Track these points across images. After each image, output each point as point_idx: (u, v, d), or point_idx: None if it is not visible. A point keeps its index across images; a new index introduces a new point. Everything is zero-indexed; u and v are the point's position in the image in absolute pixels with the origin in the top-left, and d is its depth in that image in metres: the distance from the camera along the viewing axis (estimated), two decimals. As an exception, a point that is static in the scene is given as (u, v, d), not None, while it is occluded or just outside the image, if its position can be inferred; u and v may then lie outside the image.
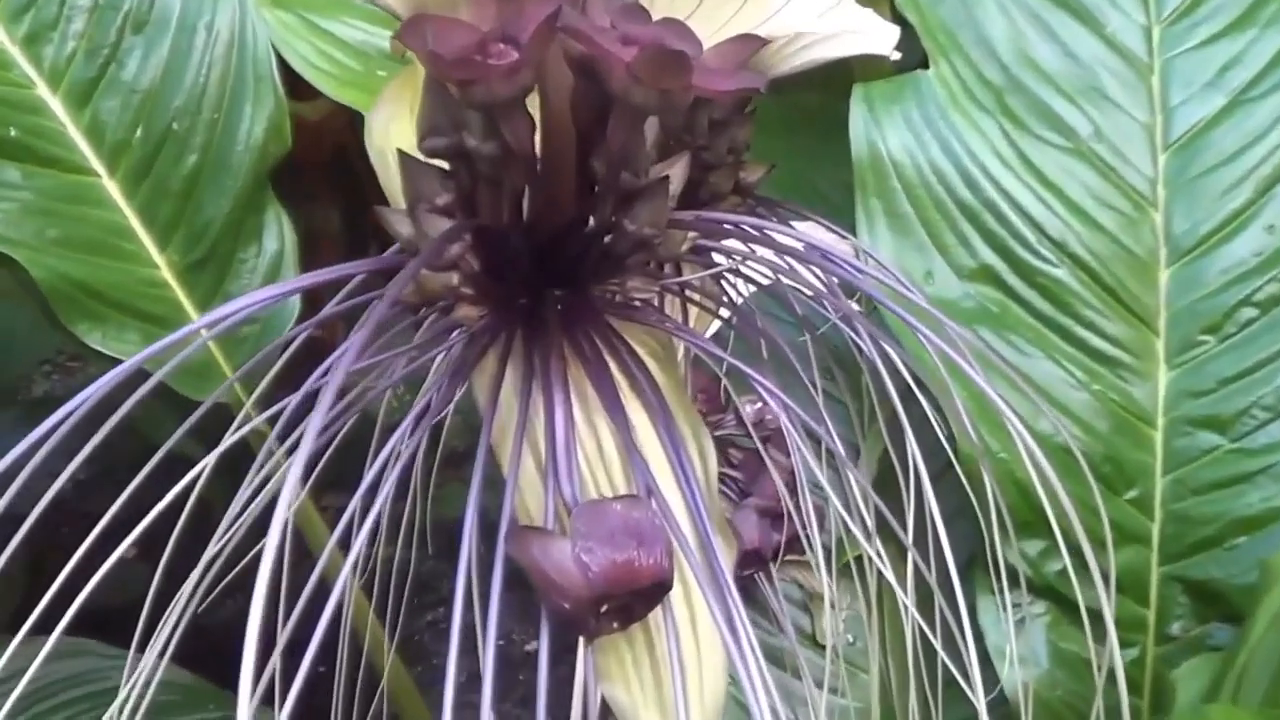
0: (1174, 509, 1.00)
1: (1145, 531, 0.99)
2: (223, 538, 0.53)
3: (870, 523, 0.60)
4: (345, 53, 1.03)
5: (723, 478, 0.92)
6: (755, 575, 0.92)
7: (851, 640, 1.02)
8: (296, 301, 0.98)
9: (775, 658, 0.98)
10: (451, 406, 0.54)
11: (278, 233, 1.01)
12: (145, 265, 0.98)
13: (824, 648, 1.00)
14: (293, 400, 0.45)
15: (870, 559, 0.65)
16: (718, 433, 0.93)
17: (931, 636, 0.60)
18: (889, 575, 0.56)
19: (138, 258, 0.98)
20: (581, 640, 0.40)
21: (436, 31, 0.37)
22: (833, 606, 0.95)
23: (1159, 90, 1.04)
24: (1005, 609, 0.90)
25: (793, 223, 0.76)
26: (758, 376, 0.45)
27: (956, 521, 0.60)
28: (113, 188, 0.98)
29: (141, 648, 0.57)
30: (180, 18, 1.01)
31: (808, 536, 0.78)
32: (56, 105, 0.98)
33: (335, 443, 0.52)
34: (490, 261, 0.43)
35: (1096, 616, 0.73)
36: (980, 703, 0.48)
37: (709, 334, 0.76)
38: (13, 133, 0.95)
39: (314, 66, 1.02)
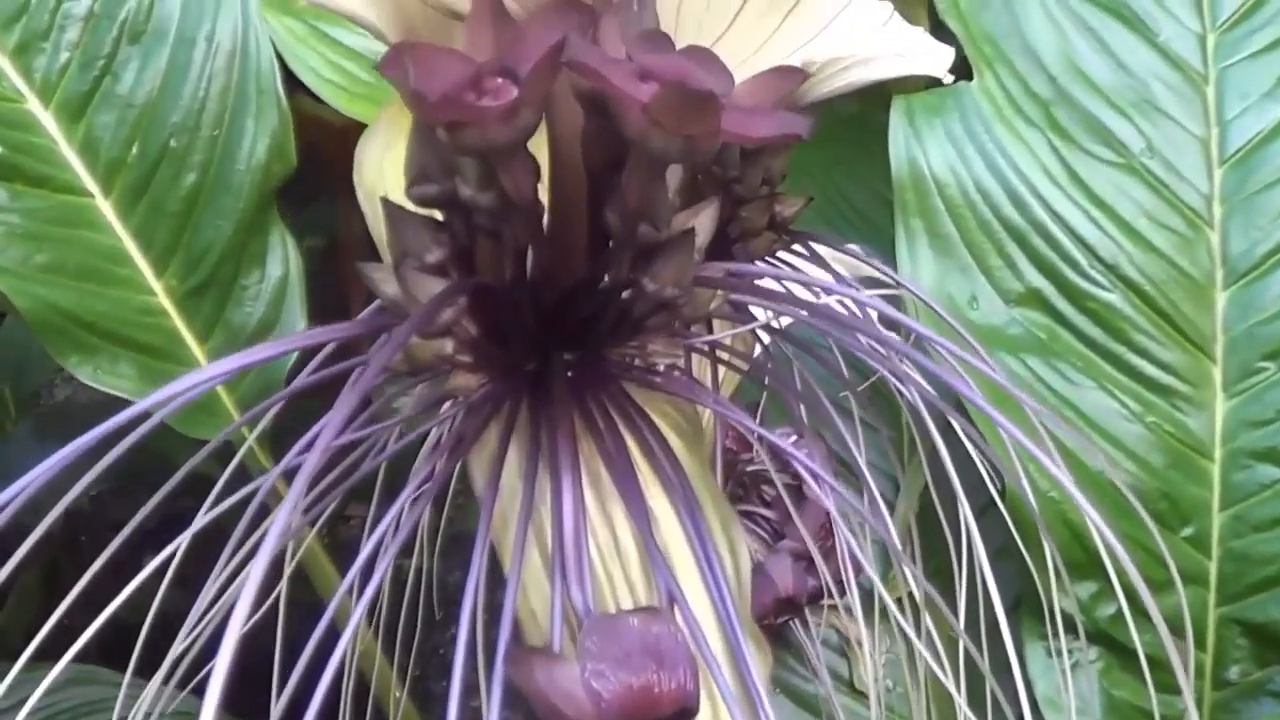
0: (1232, 546, 0.96)
1: (1202, 571, 0.95)
2: (218, 589, 0.51)
3: (919, 596, 0.55)
4: (356, 63, 1.01)
5: (755, 518, 0.87)
6: (790, 621, 0.87)
7: (891, 686, 0.98)
8: (302, 328, 0.96)
9: (812, 705, 0.95)
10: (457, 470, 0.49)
11: (282, 257, 0.98)
12: (141, 292, 0.95)
13: (863, 694, 0.96)
14: (265, 481, 0.40)
15: (907, 603, 0.62)
16: (750, 469, 0.89)
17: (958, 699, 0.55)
18: (931, 661, 0.51)
19: (133, 284, 0.95)
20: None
21: (420, 65, 0.32)
22: (871, 652, 0.91)
23: (1214, 101, 1.00)
24: (1061, 654, 0.87)
25: (832, 251, 0.71)
26: (792, 450, 0.40)
27: (1002, 559, 0.58)
28: (107, 208, 0.95)
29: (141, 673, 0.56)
30: (179, 28, 0.98)
31: (841, 583, 0.75)
32: (48, 120, 0.95)
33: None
34: (490, 325, 0.38)
35: (1153, 663, 0.69)
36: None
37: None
38: (0, 150, 0.92)
39: (322, 78, 1.00)
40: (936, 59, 0.49)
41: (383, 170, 0.44)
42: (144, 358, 0.92)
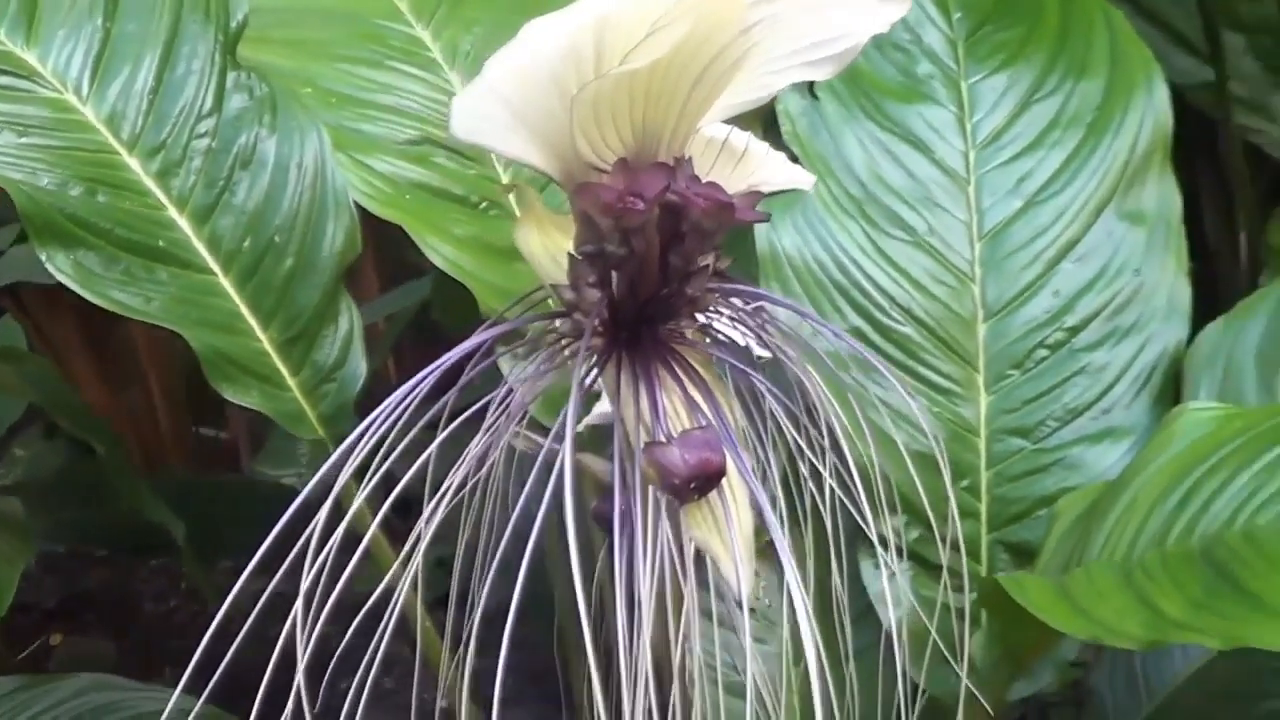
0: (995, 493, 1.28)
1: (976, 509, 1.28)
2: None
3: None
4: (381, 181, 1.27)
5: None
6: (704, 559, 1.20)
7: (768, 604, 1.27)
8: (363, 366, 1.25)
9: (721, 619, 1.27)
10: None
11: (349, 317, 1.25)
12: (254, 340, 1.23)
13: (752, 610, 1.28)
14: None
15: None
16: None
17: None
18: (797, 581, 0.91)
19: (249, 334, 1.22)
20: (680, 504, 0.75)
21: (600, 194, 0.72)
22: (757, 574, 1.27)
23: (974, 197, 1.34)
24: (884, 566, 1.15)
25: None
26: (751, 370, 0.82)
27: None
28: (227, 284, 1.23)
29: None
30: (276, 158, 1.26)
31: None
32: (184, 223, 1.22)
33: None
34: (613, 312, 0.78)
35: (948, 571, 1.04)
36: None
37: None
38: (161, 243, 1.20)
39: (361, 192, 1.26)
40: (808, 179, 0.91)
41: (532, 243, 0.82)
42: (263, 385, 1.21)
